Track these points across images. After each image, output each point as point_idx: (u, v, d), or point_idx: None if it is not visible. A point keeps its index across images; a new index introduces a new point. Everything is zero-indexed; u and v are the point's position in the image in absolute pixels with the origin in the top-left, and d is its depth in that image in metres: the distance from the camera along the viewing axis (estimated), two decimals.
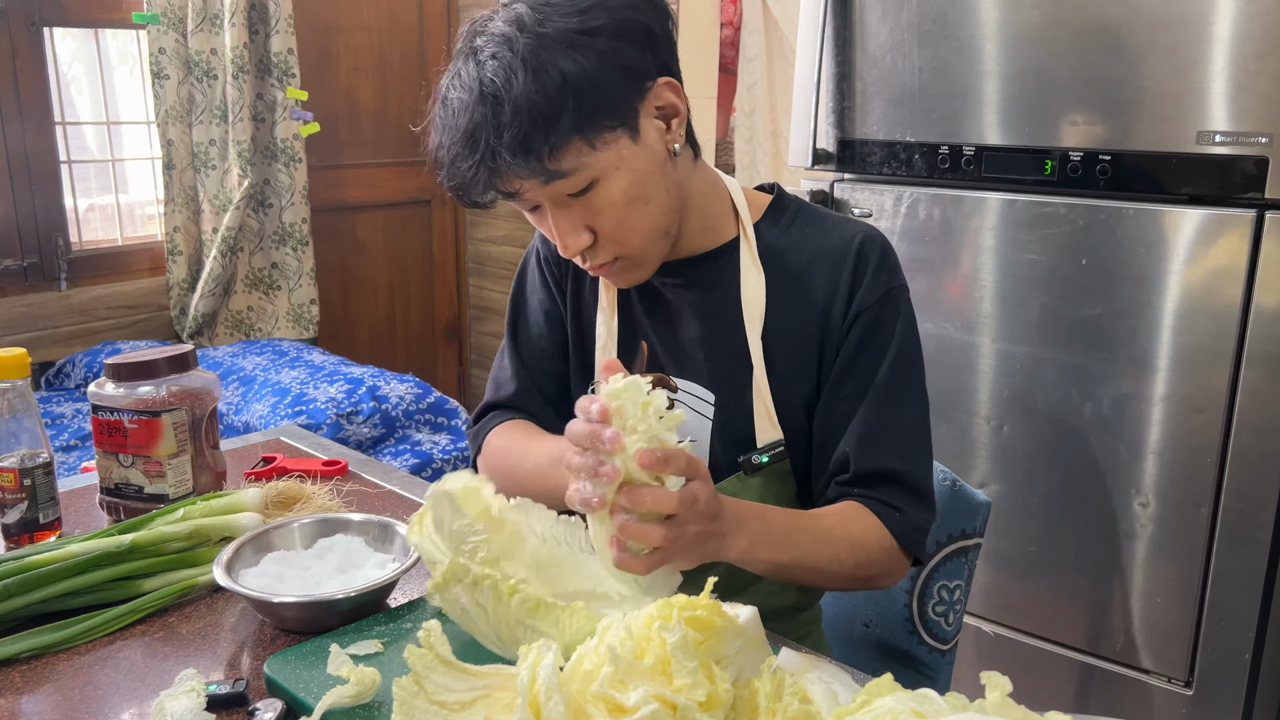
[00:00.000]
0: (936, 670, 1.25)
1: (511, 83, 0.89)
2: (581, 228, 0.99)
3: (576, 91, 0.90)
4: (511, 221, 3.49)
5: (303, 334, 3.10)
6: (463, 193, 0.97)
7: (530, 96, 0.89)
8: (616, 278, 1.06)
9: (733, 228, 1.11)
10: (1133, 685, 1.78)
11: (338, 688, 0.79)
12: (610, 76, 0.92)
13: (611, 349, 1.14)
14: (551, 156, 0.91)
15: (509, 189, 0.95)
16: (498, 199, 0.98)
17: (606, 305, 1.14)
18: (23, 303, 2.69)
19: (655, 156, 0.99)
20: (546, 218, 1.00)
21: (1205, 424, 1.64)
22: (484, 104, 0.90)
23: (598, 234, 0.99)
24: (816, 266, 1.07)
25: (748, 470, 1.08)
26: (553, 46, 0.90)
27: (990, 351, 1.86)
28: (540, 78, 0.89)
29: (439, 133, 0.96)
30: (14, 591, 0.95)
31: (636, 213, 0.99)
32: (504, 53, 0.90)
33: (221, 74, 2.85)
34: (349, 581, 0.97)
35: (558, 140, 0.91)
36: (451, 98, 0.94)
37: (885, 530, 1.02)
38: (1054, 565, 1.85)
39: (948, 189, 1.87)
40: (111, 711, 0.84)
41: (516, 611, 0.84)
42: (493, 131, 0.90)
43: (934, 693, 0.66)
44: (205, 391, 1.21)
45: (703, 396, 1.10)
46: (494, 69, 0.90)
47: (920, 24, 1.84)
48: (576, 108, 0.90)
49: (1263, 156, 1.53)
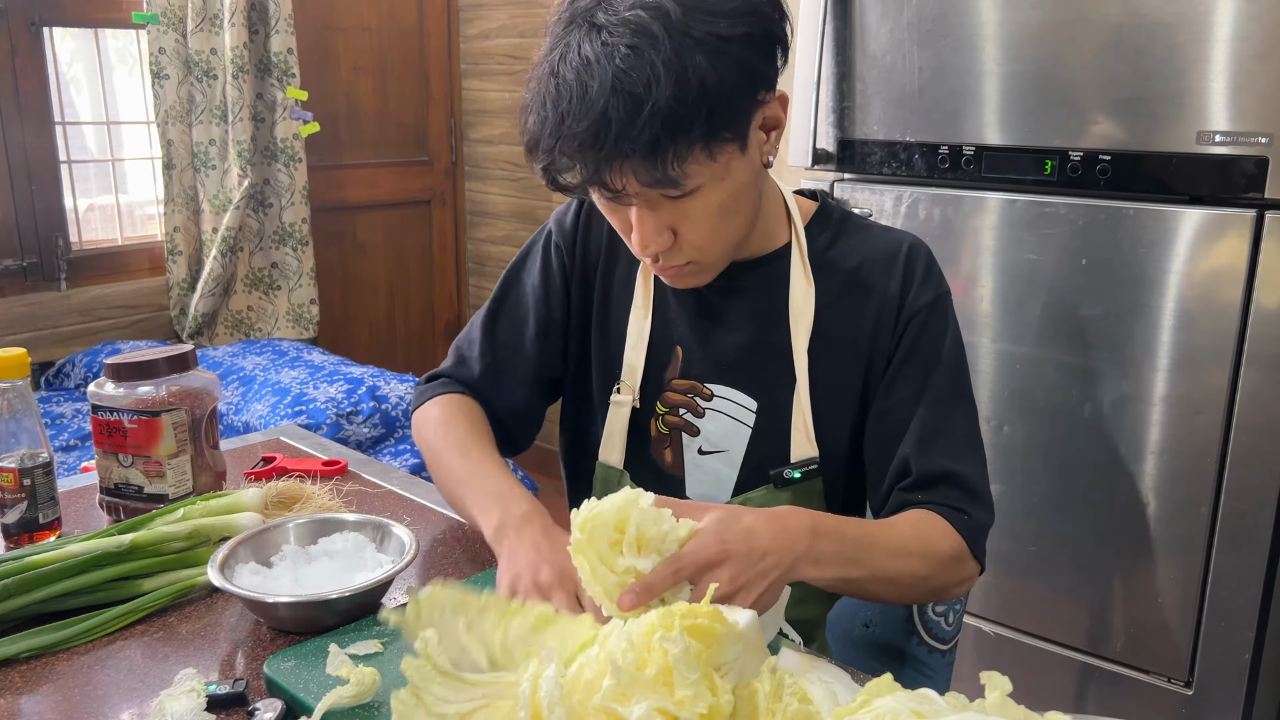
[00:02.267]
0: (936, 670, 1.25)
1: (652, 85, 0.84)
2: (666, 230, 0.96)
3: (713, 103, 0.87)
4: (512, 221, 3.49)
5: (303, 334, 3.10)
6: (556, 174, 0.93)
7: (670, 103, 0.85)
8: (682, 280, 1.04)
9: (785, 234, 1.10)
10: (1133, 685, 1.78)
11: (338, 688, 0.79)
12: (743, 89, 0.90)
13: (641, 348, 1.12)
14: (675, 164, 0.88)
15: (613, 185, 0.91)
16: (590, 189, 0.94)
17: (641, 304, 1.12)
18: (23, 303, 2.69)
19: (753, 168, 0.97)
20: (627, 213, 0.96)
21: (1205, 424, 1.64)
22: (618, 98, 0.85)
23: (680, 238, 0.97)
24: (866, 274, 1.07)
25: (778, 484, 1.07)
26: (695, 51, 0.86)
27: (990, 351, 1.86)
28: (682, 85, 0.85)
29: (548, 108, 0.89)
30: (14, 591, 0.95)
31: (726, 223, 0.97)
32: (645, 47, 0.85)
33: (221, 74, 2.85)
34: (348, 581, 0.97)
35: (685, 150, 0.88)
36: (568, 77, 0.87)
37: (957, 535, 1.00)
38: (1054, 565, 1.85)
39: (948, 189, 1.87)
40: (111, 711, 0.84)
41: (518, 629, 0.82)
42: (624, 129, 0.85)
43: (934, 693, 0.66)
44: (205, 391, 1.21)
45: (743, 404, 1.09)
46: (632, 63, 0.85)
47: (920, 24, 1.84)
48: (709, 118, 0.87)
49: (1263, 156, 1.53)
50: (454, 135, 3.56)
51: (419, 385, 1.24)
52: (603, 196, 0.95)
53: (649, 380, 1.12)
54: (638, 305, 1.13)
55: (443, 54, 3.48)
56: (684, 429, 1.12)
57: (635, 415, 1.13)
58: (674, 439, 1.12)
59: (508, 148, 3.42)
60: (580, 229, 1.17)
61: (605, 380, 1.16)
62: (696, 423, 1.11)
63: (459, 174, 3.61)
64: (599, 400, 1.16)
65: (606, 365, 1.16)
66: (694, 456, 1.12)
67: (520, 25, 3.26)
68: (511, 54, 3.32)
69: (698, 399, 1.11)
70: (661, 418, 1.13)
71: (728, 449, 1.10)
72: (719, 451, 1.11)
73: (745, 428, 1.09)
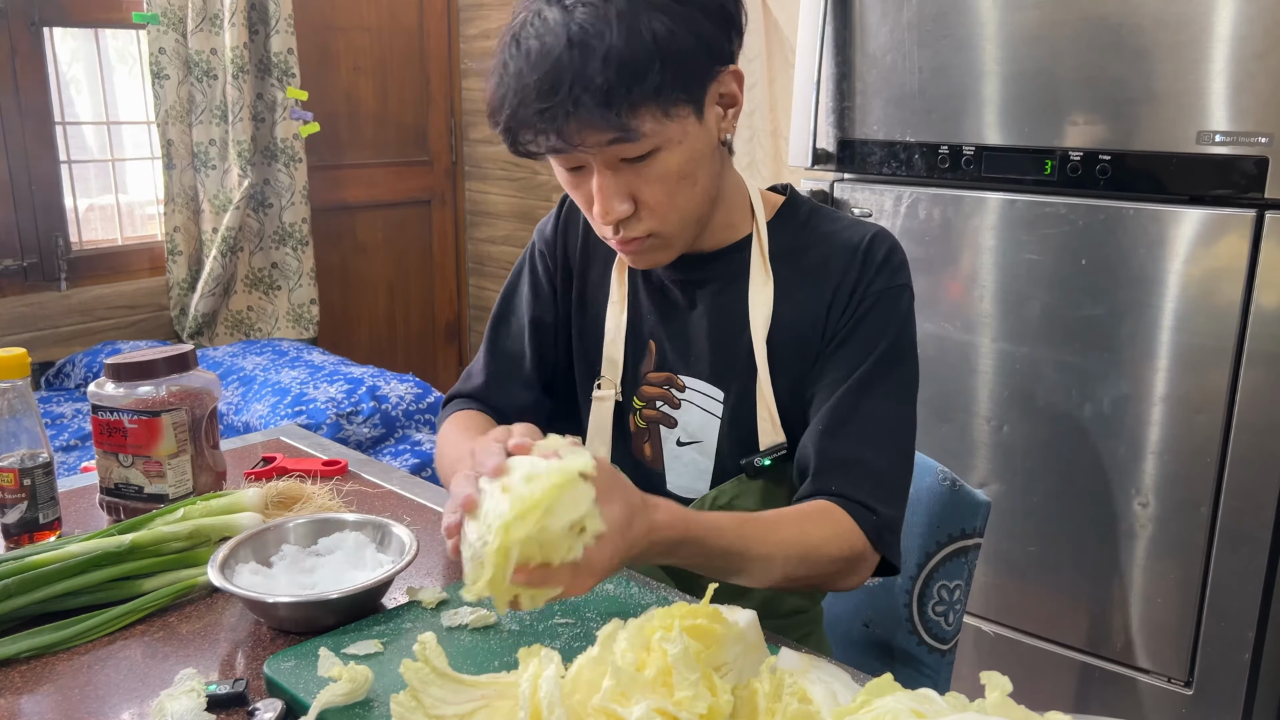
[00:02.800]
0: (936, 670, 1.25)
1: (605, 33, 0.88)
2: (626, 196, 0.98)
3: (664, 56, 0.90)
4: (512, 221, 3.49)
5: (303, 334, 3.10)
6: (516, 135, 0.95)
7: (621, 50, 0.88)
8: (642, 256, 1.04)
9: (747, 226, 1.10)
10: (1133, 685, 1.78)
11: (330, 686, 0.78)
12: (694, 49, 0.93)
13: (619, 342, 1.14)
14: (630, 114, 0.91)
15: (571, 139, 0.93)
16: (552, 149, 0.96)
17: (618, 299, 1.14)
18: (23, 303, 2.69)
19: (710, 141, 0.99)
20: (589, 181, 0.98)
21: (1205, 424, 1.64)
22: (572, 50, 0.89)
23: (640, 205, 0.98)
24: (826, 266, 1.07)
25: (750, 473, 1.07)
26: (645, 7, 0.90)
27: (990, 351, 1.86)
28: (633, 35, 0.89)
29: (508, 73, 0.93)
30: (14, 591, 0.95)
31: (683, 191, 0.99)
32: (600, 4, 0.89)
33: (221, 74, 2.85)
34: (348, 581, 0.97)
35: (638, 100, 0.90)
36: (531, 42, 0.91)
37: (858, 532, 0.98)
38: (1054, 565, 1.85)
39: (948, 189, 1.87)
40: (111, 711, 0.84)
41: None
42: (578, 78, 0.88)
43: (934, 693, 0.66)
44: (205, 391, 1.21)
45: (711, 395, 1.10)
46: (586, 16, 0.89)
47: (920, 24, 1.84)
48: (661, 71, 0.90)
49: (1263, 156, 1.53)
50: (454, 135, 3.56)
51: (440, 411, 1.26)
52: (560, 160, 0.98)
53: (627, 375, 1.14)
54: (614, 301, 1.14)
55: (443, 54, 3.48)
56: (661, 421, 1.13)
57: (616, 410, 1.15)
58: (652, 432, 1.14)
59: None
60: (559, 233, 1.20)
61: (587, 377, 1.18)
62: (673, 414, 1.12)
63: (459, 174, 3.61)
64: (582, 397, 1.19)
65: (587, 362, 1.18)
66: (672, 448, 1.13)
67: None
68: None
69: (673, 390, 1.12)
70: (639, 411, 1.14)
71: (702, 439, 1.11)
72: (695, 442, 1.12)
73: (715, 419, 1.10)
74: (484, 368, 1.22)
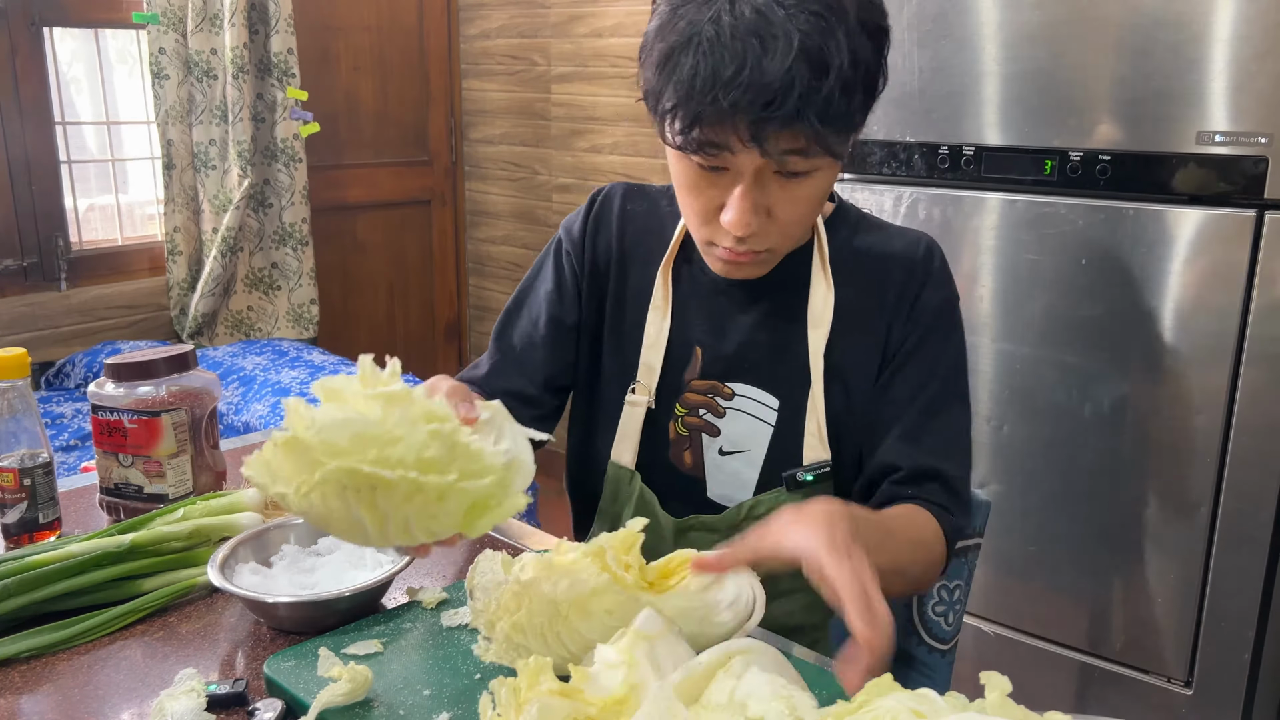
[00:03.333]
0: (936, 670, 1.25)
1: (836, 54, 0.86)
2: (765, 209, 0.96)
3: (867, 85, 0.91)
4: (512, 221, 3.49)
5: (303, 334, 3.10)
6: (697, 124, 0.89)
7: (849, 76, 0.87)
8: (744, 268, 1.02)
9: (807, 232, 1.10)
10: (1133, 685, 1.78)
11: (330, 686, 0.78)
12: (879, 82, 0.94)
13: (659, 348, 1.12)
14: (836, 135, 0.90)
15: (764, 144, 0.88)
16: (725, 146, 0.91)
17: (660, 304, 1.12)
18: (23, 303, 2.69)
19: (838, 171, 1.01)
20: (722, 185, 0.94)
21: (1205, 424, 1.64)
22: (804, 61, 0.85)
23: (773, 220, 0.97)
24: (884, 272, 1.08)
25: (790, 486, 1.07)
26: (864, 35, 0.89)
27: (990, 351, 1.86)
28: (856, 64, 0.88)
29: (710, 57, 0.86)
30: (14, 591, 0.95)
31: (814, 211, 1.00)
32: (828, 15, 0.87)
33: (221, 74, 2.85)
34: (348, 581, 0.97)
35: (846, 123, 0.90)
36: (742, 30, 0.86)
37: (941, 533, 1.01)
38: (1054, 565, 1.85)
39: (948, 189, 1.87)
40: (111, 711, 0.84)
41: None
42: (806, 92, 0.85)
43: (934, 693, 0.66)
44: (205, 391, 1.21)
45: (765, 402, 1.09)
46: (817, 27, 0.86)
47: (920, 24, 1.84)
48: (865, 100, 0.91)
49: (1263, 156, 1.53)
50: (454, 135, 3.56)
51: None
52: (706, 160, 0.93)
53: (667, 381, 1.12)
54: (656, 305, 1.12)
55: (443, 54, 3.48)
56: (704, 430, 1.12)
57: (652, 417, 1.13)
58: (694, 440, 1.12)
59: (508, 148, 3.42)
60: (589, 236, 1.17)
61: (621, 383, 1.15)
62: (717, 423, 1.11)
63: (459, 174, 3.61)
64: (612, 403, 1.16)
65: (622, 367, 1.15)
66: (714, 457, 1.12)
67: (520, 25, 3.26)
68: (511, 54, 3.32)
69: (718, 399, 1.11)
70: (681, 419, 1.12)
71: (749, 449, 1.10)
72: (740, 451, 1.11)
73: (767, 426, 1.09)
74: (489, 357, 1.21)
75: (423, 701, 0.80)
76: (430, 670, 0.84)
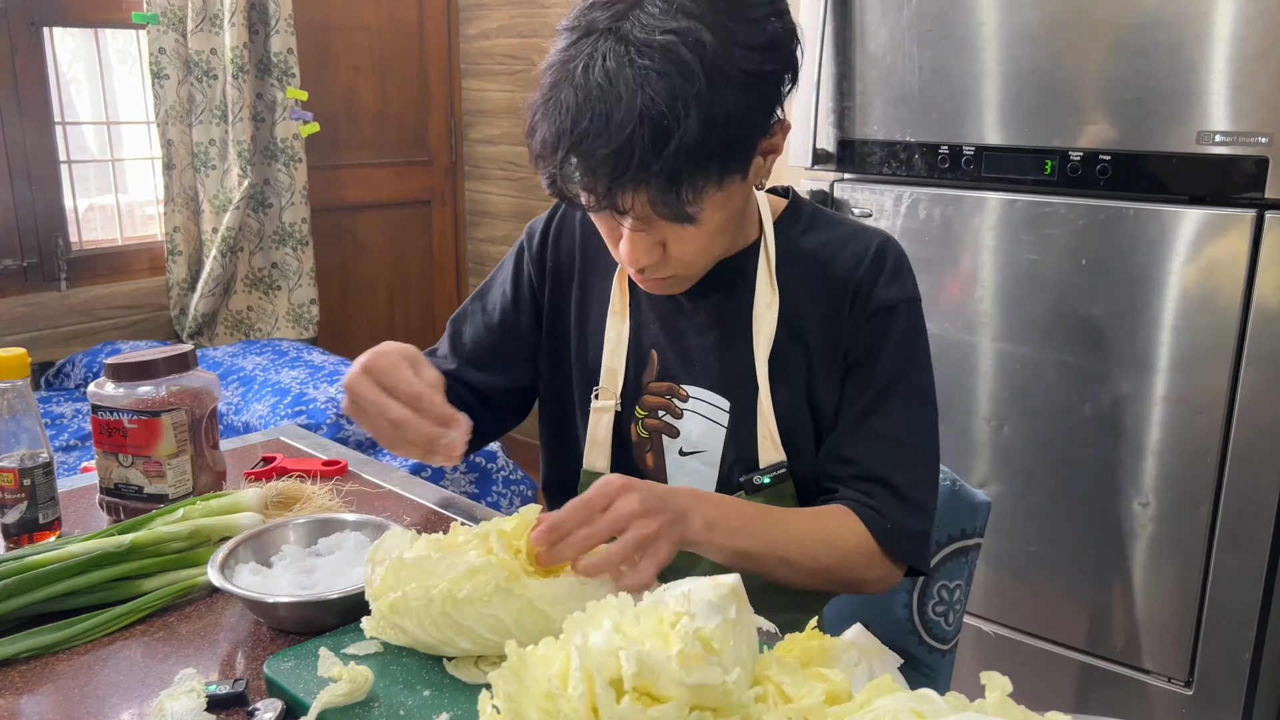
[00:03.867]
0: (936, 670, 1.25)
1: (681, 119, 0.83)
2: (657, 246, 0.96)
3: (732, 140, 0.87)
4: (512, 221, 3.49)
5: (303, 334, 3.10)
6: (563, 184, 0.92)
7: (695, 139, 0.84)
8: (661, 288, 1.04)
9: (754, 231, 1.10)
10: (1133, 685, 1.78)
11: (330, 686, 0.78)
12: (760, 123, 0.91)
13: (621, 352, 1.13)
14: (689, 196, 0.88)
15: (620, 207, 0.90)
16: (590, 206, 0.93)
17: (619, 309, 1.13)
18: (23, 303, 2.69)
19: (747, 191, 0.99)
20: (618, 224, 0.95)
21: (1205, 424, 1.64)
22: (646, 127, 0.84)
23: (669, 253, 0.97)
24: (833, 269, 1.06)
25: (749, 489, 1.07)
26: (725, 87, 0.85)
27: (990, 351, 1.86)
28: (709, 122, 0.84)
29: (567, 119, 0.87)
30: (14, 591, 0.95)
31: (716, 242, 0.98)
32: (677, 77, 0.83)
33: (221, 74, 2.85)
34: (349, 581, 0.97)
35: (703, 184, 0.88)
36: (594, 93, 0.85)
37: (866, 533, 1.00)
38: (1054, 565, 1.85)
39: (948, 189, 1.87)
40: (111, 711, 0.84)
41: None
42: (646, 158, 0.84)
43: (934, 693, 0.66)
44: (205, 391, 1.20)
45: (716, 404, 1.09)
46: (663, 92, 0.83)
47: (920, 24, 1.84)
48: (727, 155, 0.88)
49: (1263, 156, 1.53)
50: (454, 135, 3.56)
51: None
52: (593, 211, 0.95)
53: (628, 385, 1.13)
54: (614, 310, 1.13)
55: (443, 54, 3.48)
56: (664, 431, 1.12)
57: (616, 421, 1.14)
58: (654, 442, 1.13)
59: (508, 148, 3.42)
60: (551, 242, 1.19)
61: (585, 387, 1.16)
62: (675, 424, 1.12)
63: (459, 174, 3.61)
64: (579, 407, 1.17)
65: (585, 371, 1.16)
66: (675, 458, 1.12)
67: (520, 25, 3.26)
68: (511, 54, 3.32)
69: (675, 400, 1.11)
70: (641, 421, 1.13)
71: (706, 449, 1.10)
72: (698, 452, 1.11)
73: (720, 427, 1.09)
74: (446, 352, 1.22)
75: (423, 701, 0.80)
76: (430, 670, 0.84)
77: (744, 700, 0.67)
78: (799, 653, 0.75)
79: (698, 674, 0.65)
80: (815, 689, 0.69)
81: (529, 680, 0.67)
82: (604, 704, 0.64)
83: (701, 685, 0.65)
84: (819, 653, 0.76)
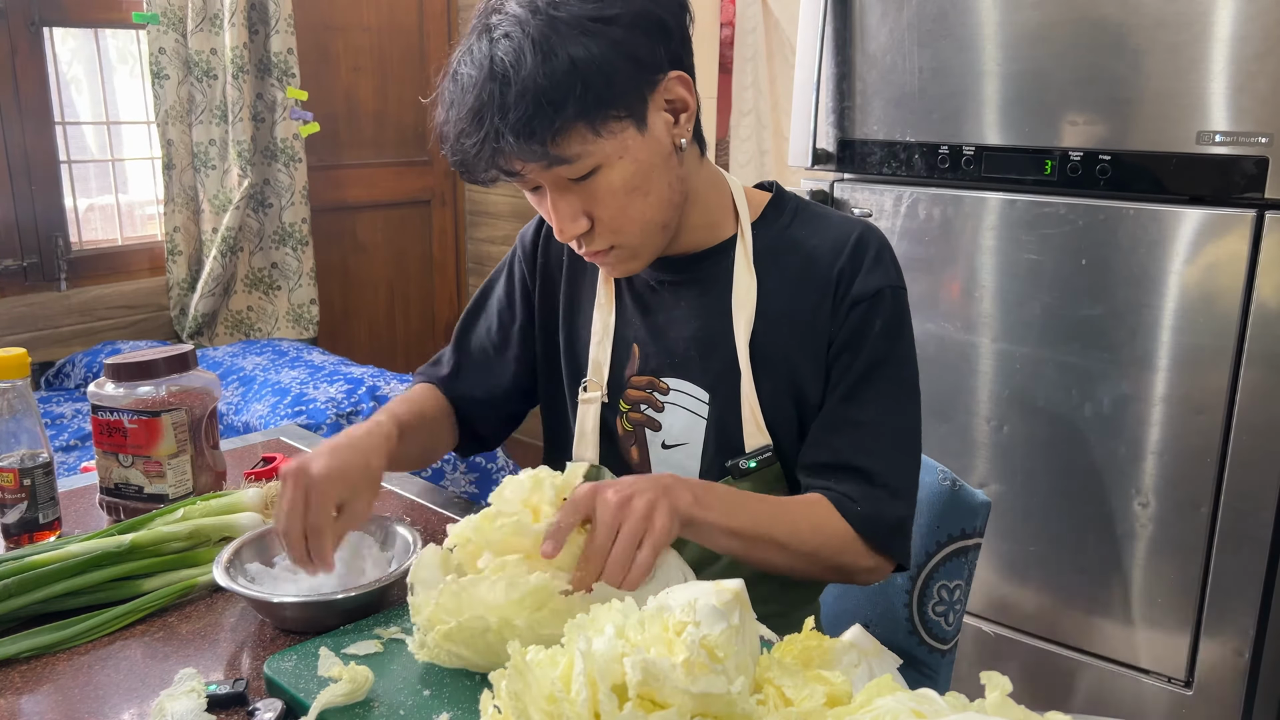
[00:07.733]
0: (936, 670, 1.25)
1: (520, 64, 0.89)
2: (580, 214, 0.99)
3: (584, 78, 0.90)
4: (511, 221, 3.49)
5: (303, 334, 3.10)
6: (466, 169, 0.98)
7: (537, 80, 0.89)
8: (612, 267, 1.06)
9: (732, 226, 1.11)
10: (1133, 685, 1.78)
11: (331, 686, 0.79)
12: (620, 65, 0.92)
13: (607, 345, 1.14)
14: (554, 141, 0.92)
15: (511, 169, 0.95)
16: (500, 177, 0.98)
17: (604, 301, 1.15)
18: (23, 303, 2.69)
19: (660, 149, 0.99)
20: (546, 200, 1.00)
21: (1205, 424, 1.64)
22: (493, 82, 0.90)
23: (595, 221, 1.00)
24: (813, 260, 1.07)
25: (735, 474, 1.08)
26: (565, 31, 0.90)
27: (990, 351, 1.86)
28: (549, 61, 0.89)
29: (446, 107, 0.96)
30: (14, 591, 0.95)
31: (635, 203, 0.99)
32: (516, 33, 0.90)
33: (221, 74, 2.85)
34: (350, 581, 0.97)
35: (562, 125, 0.91)
36: (462, 73, 0.94)
37: (844, 522, 1.02)
38: (1054, 565, 1.85)
39: (948, 189, 1.87)
40: (111, 711, 0.84)
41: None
42: (498, 111, 0.90)
43: (934, 693, 0.66)
44: (205, 391, 1.21)
45: (697, 396, 1.10)
46: (505, 49, 0.90)
47: (920, 24, 1.84)
48: (583, 94, 0.90)
49: (1263, 156, 1.53)
50: None
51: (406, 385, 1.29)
52: (517, 184, 1.00)
53: (613, 378, 1.15)
54: (600, 303, 1.15)
55: (442, 54, 3.46)
56: (647, 424, 1.13)
57: (602, 414, 1.15)
58: (638, 435, 1.14)
59: None
60: (541, 242, 1.21)
61: (574, 381, 1.18)
62: (658, 417, 1.13)
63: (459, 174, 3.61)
64: (570, 401, 1.19)
65: (574, 366, 1.18)
66: (659, 451, 1.14)
67: None
68: None
69: (656, 393, 1.13)
70: (625, 415, 1.15)
71: (688, 441, 1.11)
72: (681, 444, 1.12)
73: (701, 420, 1.10)
74: (450, 358, 1.25)
75: (423, 701, 0.80)
76: (430, 670, 0.84)
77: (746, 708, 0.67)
78: (798, 654, 0.75)
79: (702, 683, 0.66)
80: (816, 691, 0.69)
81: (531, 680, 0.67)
82: (606, 709, 0.64)
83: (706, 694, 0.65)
84: (819, 654, 0.76)
